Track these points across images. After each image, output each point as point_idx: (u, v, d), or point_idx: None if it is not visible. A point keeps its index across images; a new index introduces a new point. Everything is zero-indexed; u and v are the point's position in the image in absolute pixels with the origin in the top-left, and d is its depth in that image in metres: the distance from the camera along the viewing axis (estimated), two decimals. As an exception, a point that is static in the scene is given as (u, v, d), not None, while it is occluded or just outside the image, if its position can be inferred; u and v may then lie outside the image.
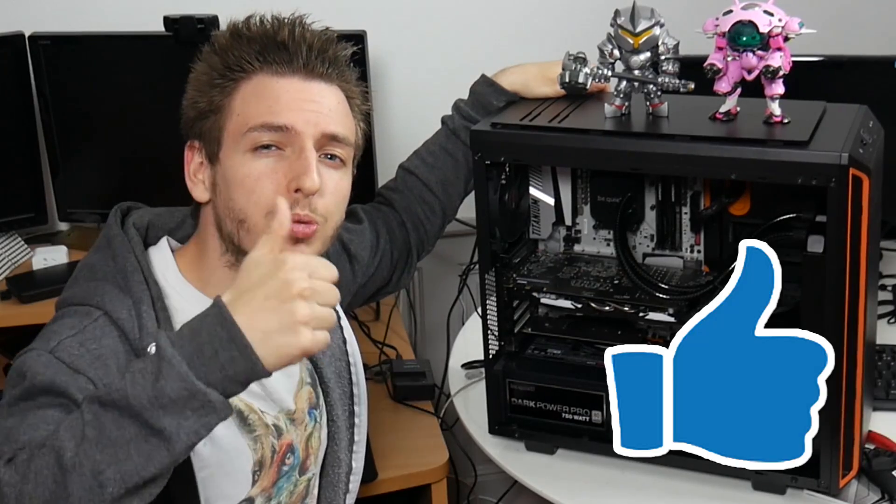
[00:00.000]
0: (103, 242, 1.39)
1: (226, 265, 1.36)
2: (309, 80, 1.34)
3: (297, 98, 1.33)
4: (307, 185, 1.30)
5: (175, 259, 1.40)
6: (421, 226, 1.76)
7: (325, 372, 1.53)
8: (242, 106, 1.33)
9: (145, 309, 1.30)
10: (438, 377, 2.09)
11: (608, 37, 1.54)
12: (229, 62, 1.34)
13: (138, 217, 1.42)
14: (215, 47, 1.36)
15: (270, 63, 1.33)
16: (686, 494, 1.59)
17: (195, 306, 1.35)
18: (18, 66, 2.23)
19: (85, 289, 1.34)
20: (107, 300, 1.31)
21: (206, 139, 1.35)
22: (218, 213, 1.35)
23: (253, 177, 1.31)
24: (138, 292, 1.31)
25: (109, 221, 1.41)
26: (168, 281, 1.38)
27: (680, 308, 1.58)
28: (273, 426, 1.44)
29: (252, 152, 1.32)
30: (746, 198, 1.60)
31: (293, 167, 1.31)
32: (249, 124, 1.31)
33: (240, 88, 1.33)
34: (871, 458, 1.60)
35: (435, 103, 1.85)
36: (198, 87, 1.36)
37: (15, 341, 2.20)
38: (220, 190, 1.34)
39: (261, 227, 1.31)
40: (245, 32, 1.34)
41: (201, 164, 1.37)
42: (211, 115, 1.34)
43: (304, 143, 1.32)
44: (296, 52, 1.33)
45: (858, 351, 1.49)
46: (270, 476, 1.45)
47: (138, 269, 1.33)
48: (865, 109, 1.56)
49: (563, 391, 1.66)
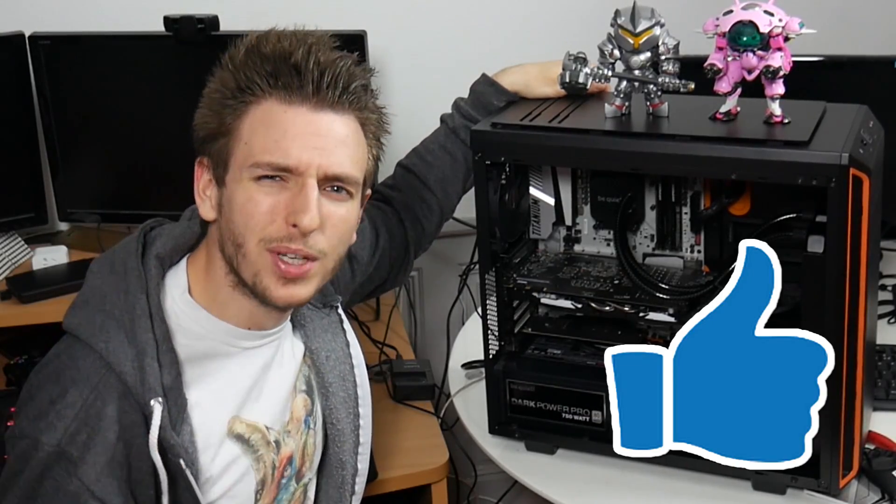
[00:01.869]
0: (120, 269, 1.35)
1: (230, 285, 1.35)
2: (318, 110, 1.31)
3: (304, 132, 1.30)
4: (305, 222, 1.28)
5: (188, 271, 1.38)
6: (419, 224, 1.76)
7: (328, 377, 1.52)
8: (250, 134, 1.31)
9: (148, 361, 1.29)
10: (438, 377, 2.09)
11: (608, 37, 1.54)
12: (241, 83, 1.31)
13: (162, 245, 1.38)
14: (230, 63, 1.33)
15: (280, 88, 1.30)
16: (686, 494, 1.59)
17: (205, 330, 1.36)
18: (18, 66, 2.23)
19: (93, 322, 1.32)
20: (111, 348, 1.30)
21: (215, 160, 1.34)
22: (222, 235, 1.34)
23: (252, 203, 1.30)
24: (143, 342, 1.30)
25: (130, 248, 1.37)
26: (178, 312, 1.36)
27: (680, 308, 1.58)
28: (274, 442, 1.44)
29: (255, 181, 1.30)
30: (746, 198, 1.60)
31: (293, 202, 1.29)
32: (255, 159, 1.29)
33: (249, 112, 1.31)
34: (871, 458, 1.60)
35: (435, 103, 1.85)
36: (210, 105, 1.34)
37: (15, 341, 2.20)
38: (225, 212, 1.33)
39: (254, 255, 1.30)
40: (260, 50, 1.31)
41: (210, 182, 1.36)
42: (220, 137, 1.32)
43: (306, 180, 1.30)
44: (306, 78, 1.30)
45: (858, 351, 1.49)
46: (272, 492, 1.45)
47: (146, 314, 1.31)
48: (865, 109, 1.56)
49: (563, 391, 1.66)
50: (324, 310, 1.54)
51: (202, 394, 1.36)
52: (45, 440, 1.27)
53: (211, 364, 1.37)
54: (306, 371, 1.52)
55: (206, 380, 1.36)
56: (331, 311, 1.54)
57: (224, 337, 1.37)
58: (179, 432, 1.31)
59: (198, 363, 1.36)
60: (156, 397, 1.28)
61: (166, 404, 1.29)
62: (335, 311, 1.55)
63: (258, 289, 1.32)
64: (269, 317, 1.39)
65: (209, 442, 1.36)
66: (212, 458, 1.36)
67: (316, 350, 1.51)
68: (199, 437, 1.34)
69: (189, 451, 1.32)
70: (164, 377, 1.30)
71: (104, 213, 2.31)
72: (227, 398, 1.39)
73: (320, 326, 1.52)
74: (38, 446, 1.27)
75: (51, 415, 1.28)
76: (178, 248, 1.40)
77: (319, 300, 1.53)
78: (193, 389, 1.35)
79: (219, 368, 1.38)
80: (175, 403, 1.31)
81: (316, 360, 1.52)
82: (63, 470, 1.27)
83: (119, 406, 1.29)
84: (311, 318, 1.52)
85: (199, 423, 1.35)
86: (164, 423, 1.29)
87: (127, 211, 2.30)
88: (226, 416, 1.38)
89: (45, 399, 1.30)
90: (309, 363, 1.52)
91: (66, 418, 1.27)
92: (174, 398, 1.31)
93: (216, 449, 1.37)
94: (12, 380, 2.13)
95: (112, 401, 1.29)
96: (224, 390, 1.38)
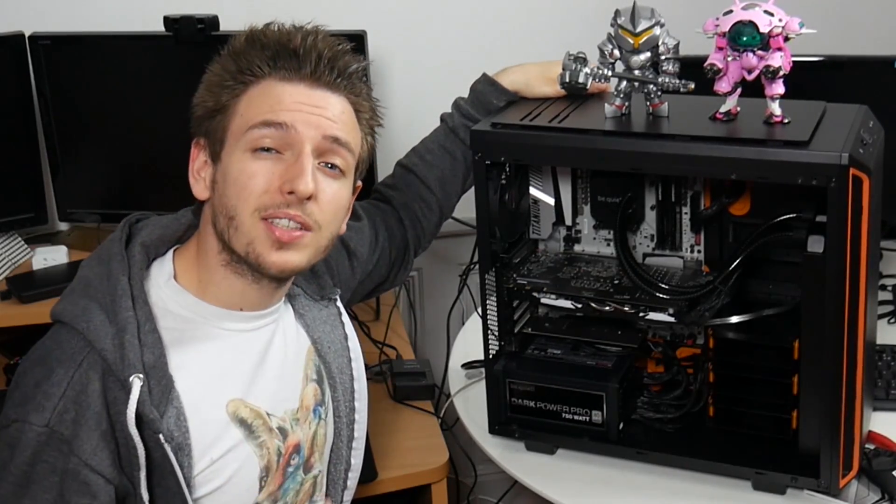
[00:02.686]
0: (104, 256, 1.38)
1: (222, 264, 1.36)
2: (315, 87, 1.35)
3: (301, 102, 1.33)
4: (300, 187, 1.30)
5: (175, 262, 1.40)
6: (418, 223, 1.76)
7: (332, 367, 1.53)
8: (247, 107, 1.34)
9: (129, 339, 1.30)
10: (438, 377, 2.09)
11: (608, 37, 1.54)
12: (241, 66, 1.35)
13: (147, 234, 1.41)
14: (231, 50, 1.37)
15: (280, 69, 1.34)
16: (686, 494, 1.59)
17: (192, 313, 1.37)
18: (18, 66, 2.23)
19: (76, 306, 1.34)
20: (92, 328, 1.31)
21: (211, 138, 1.36)
22: (214, 210, 1.36)
23: (247, 174, 1.32)
24: (123, 320, 1.31)
25: (115, 237, 1.40)
26: (163, 297, 1.37)
27: (680, 308, 1.58)
28: (278, 429, 1.44)
29: (251, 152, 1.32)
30: (746, 198, 1.60)
31: (289, 170, 1.31)
32: (251, 122, 1.32)
33: (248, 91, 1.34)
34: (871, 458, 1.60)
35: (435, 103, 1.85)
36: (209, 86, 1.37)
37: (15, 341, 2.20)
38: (218, 187, 1.35)
39: (247, 226, 1.31)
40: (260, 38, 1.36)
41: (205, 163, 1.38)
42: (217, 114, 1.35)
43: (302, 146, 1.32)
44: (305, 60, 1.34)
45: (858, 351, 1.49)
46: (277, 480, 1.45)
47: (128, 294, 1.33)
48: (865, 109, 1.56)
49: (563, 391, 1.66)
50: (322, 302, 1.54)
51: (193, 378, 1.36)
52: (34, 420, 1.27)
53: (202, 347, 1.37)
54: (317, 360, 1.52)
55: (198, 364, 1.37)
56: (329, 303, 1.55)
57: (213, 320, 1.38)
58: (164, 413, 1.31)
59: (187, 347, 1.36)
60: (136, 373, 1.29)
61: (147, 382, 1.30)
62: (333, 303, 1.55)
63: (251, 258, 1.33)
64: (262, 294, 1.40)
65: (207, 426, 1.36)
66: (211, 443, 1.36)
67: (318, 340, 1.52)
68: (193, 422, 1.34)
69: (174, 433, 1.32)
70: (145, 355, 1.31)
71: (104, 213, 2.31)
72: (224, 382, 1.39)
73: (319, 317, 1.53)
74: (26, 429, 1.27)
75: (38, 396, 1.29)
76: (164, 239, 1.41)
77: (317, 292, 1.54)
78: (182, 373, 1.35)
79: (211, 352, 1.38)
80: (158, 383, 1.31)
81: (321, 350, 1.52)
82: (55, 450, 1.27)
83: (103, 382, 1.30)
84: (309, 307, 1.53)
85: (191, 406, 1.34)
86: (144, 398, 1.29)
87: (127, 211, 2.23)
88: (223, 400, 1.38)
89: (30, 383, 1.31)
90: (317, 353, 1.52)
91: (54, 397, 1.28)
92: (157, 377, 1.31)
93: (216, 434, 1.37)
94: (12, 380, 2.13)
95: (96, 378, 1.30)
96: (220, 375, 1.38)
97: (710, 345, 1.63)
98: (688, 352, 1.71)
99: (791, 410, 1.58)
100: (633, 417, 1.68)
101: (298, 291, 1.52)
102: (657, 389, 1.72)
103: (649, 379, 1.73)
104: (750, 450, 1.60)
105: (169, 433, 1.31)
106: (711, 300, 1.56)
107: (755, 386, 1.60)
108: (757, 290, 1.63)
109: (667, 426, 1.67)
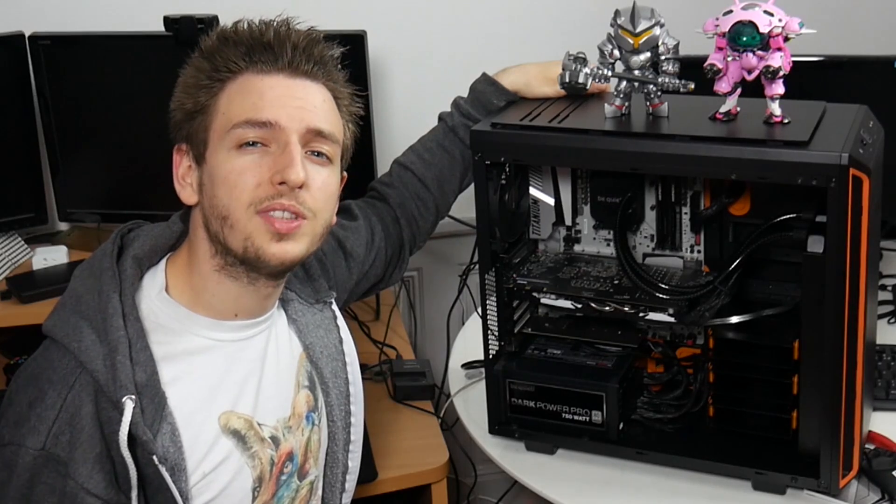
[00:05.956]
0: (96, 270, 1.36)
1: (215, 269, 1.35)
2: (294, 77, 1.35)
3: (282, 94, 1.33)
4: (291, 176, 1.30)
5: (167, 271, 1.39)
6: (414, 222, 1.76)
7: (324, 372, 1.52)
8: (228, 104, 1.33)
9: (120, 359, 1.29)
10: (438, 377, 2.09)
11: (608, 37, 1.54)
12: (217, 64, 1.34)
13: (139, 246, 1.39)
14: (203, 51, 1.36)
15: (256, 63, 1.34)
16: (686, 494, 1.59)
17: (184, 327, 1.36)
18: (18, 66, 2.23)
19: (67, 324, 1.33)
20: (83, 347, 1.30)
21: (193, 141, 1.35)
22: (205, 213, 1.35)
23: (236, 172, 1.31)
24: (114, 340, 1.30)
25: (106, 249, 1.38)
26: (154, 310, 1.36)
27: (680, 308, 1.58)
28: (270, 438, 1.43)
29: (237, 149, 1.32)
30: (746, 198, 1.60)
31: (277, 161, 1.31)
32: (234, 121, 1.32)
33: (226, 88, 1.34)
34: (871, 458, 1.60)
35: (435, 103, 1.85)
36: (185, 89, 1.36)
37: (15, 341, 2.20)
38: (206, 189, 1.34)
39: (242, 222, 1.31)
40: (232, 36, 1.35)
41: (189, 168, 1.37)
42: (198, 115, 1.34)
43: (288, 137, 1.32)
44: (281, 52, 1.34)
45: (858, 351, 1.49)
46: (270, 489, 1.44)
47: (118, 313, 1.32)
48: (865, 109, 1.56)
49: (563, 391, 1.66)
50: (317, 305, 1.54)
51: (186, 391, 1.35)
52: (30, 444, 1.27)
53: (194, 360, 1.37)
54: (308, 367, 1.51)
55: (191, 377, 1.36)
56: (324, 307, 1.54)
57: (205, 332, 1.37)
58: (158, 430, 1.31)
59: (179, 360, 1.35)
60: (128, 395, 1.28)
61: (140, 402, 1.29)
62: (328, 307, 1.55)
63: (250, 252, 1.32)
64: (257, 297, 1.39)
65: (199, 439, 1.35)
66: (203, 456, 1.36)
67: (311, 345, 1.51)
68: (186, 436, 1.33)
69: (170, 450, 1.31)
70: (137, 375, 1.30)
71: (104, 213, 2.31)
72: (216, 394, 1.38)
73: (313, 322, 1.52)
74: (22, 452, 1.27)
75: (32, 419, 1.28)
76: (156, 249, 1.40)
77: (312, 296, 1.53)
78: (175, 387, 1.34)
79: (204, 364, 1.37)
80: (151, 401, 1.31)
81: (312, 356, 1.51)
82: (53, 472, 1.27)
83: (96, 404, 1.29)
84: (303, 312, 1.52)
85: (185, 421, 1.34)
86: (136, 419, 1.28)
87: (127, 211, 2.29)
88: (216, 412, 1.38)
89: (24, 402, 1.30)
90: (309, 359, 1.52)
91: (48, 420, 1.28)
92: (150, 395, 1.31)
93: (208, 446, 1.36)
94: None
95: (89, 400, 1.29)
96: (212, 386, 1.38)
97: (710, 345, 1.63)
98: (688, 352, 1.71)
99: (791, 410, 1.58)
100: (633, 417, 1.68)
101: (292, 296, 1.51)
102: (657, 389, 1.72)
103: (649, 379, 1.73)
104: (750, 450, 1.60)
105: (163, 453, 1.31)
106: (711, 300, 1.56)
107: (755, 386, 1.61)
108: (757, 290, 1.63)
109: (667, 426, 1.67)
